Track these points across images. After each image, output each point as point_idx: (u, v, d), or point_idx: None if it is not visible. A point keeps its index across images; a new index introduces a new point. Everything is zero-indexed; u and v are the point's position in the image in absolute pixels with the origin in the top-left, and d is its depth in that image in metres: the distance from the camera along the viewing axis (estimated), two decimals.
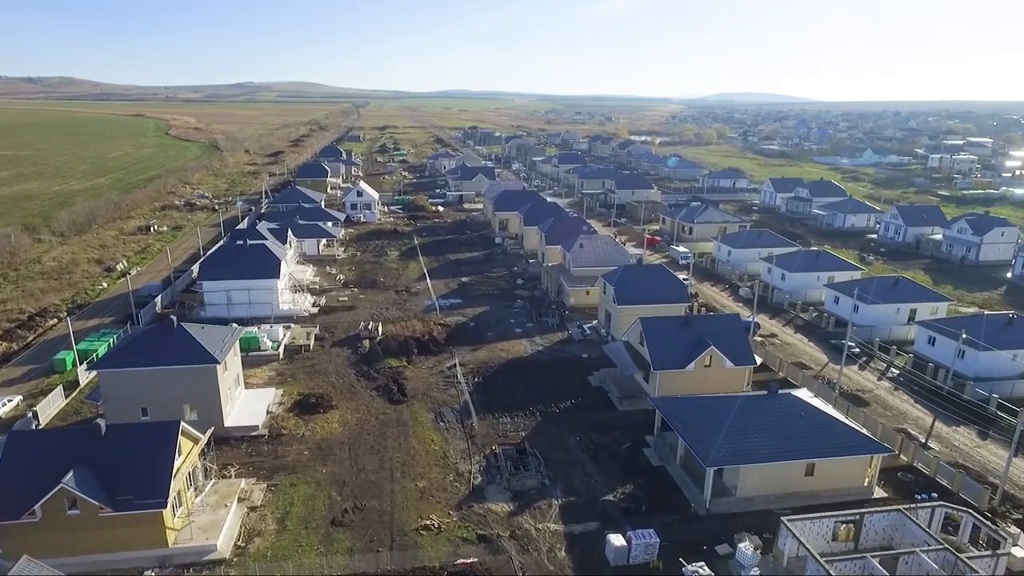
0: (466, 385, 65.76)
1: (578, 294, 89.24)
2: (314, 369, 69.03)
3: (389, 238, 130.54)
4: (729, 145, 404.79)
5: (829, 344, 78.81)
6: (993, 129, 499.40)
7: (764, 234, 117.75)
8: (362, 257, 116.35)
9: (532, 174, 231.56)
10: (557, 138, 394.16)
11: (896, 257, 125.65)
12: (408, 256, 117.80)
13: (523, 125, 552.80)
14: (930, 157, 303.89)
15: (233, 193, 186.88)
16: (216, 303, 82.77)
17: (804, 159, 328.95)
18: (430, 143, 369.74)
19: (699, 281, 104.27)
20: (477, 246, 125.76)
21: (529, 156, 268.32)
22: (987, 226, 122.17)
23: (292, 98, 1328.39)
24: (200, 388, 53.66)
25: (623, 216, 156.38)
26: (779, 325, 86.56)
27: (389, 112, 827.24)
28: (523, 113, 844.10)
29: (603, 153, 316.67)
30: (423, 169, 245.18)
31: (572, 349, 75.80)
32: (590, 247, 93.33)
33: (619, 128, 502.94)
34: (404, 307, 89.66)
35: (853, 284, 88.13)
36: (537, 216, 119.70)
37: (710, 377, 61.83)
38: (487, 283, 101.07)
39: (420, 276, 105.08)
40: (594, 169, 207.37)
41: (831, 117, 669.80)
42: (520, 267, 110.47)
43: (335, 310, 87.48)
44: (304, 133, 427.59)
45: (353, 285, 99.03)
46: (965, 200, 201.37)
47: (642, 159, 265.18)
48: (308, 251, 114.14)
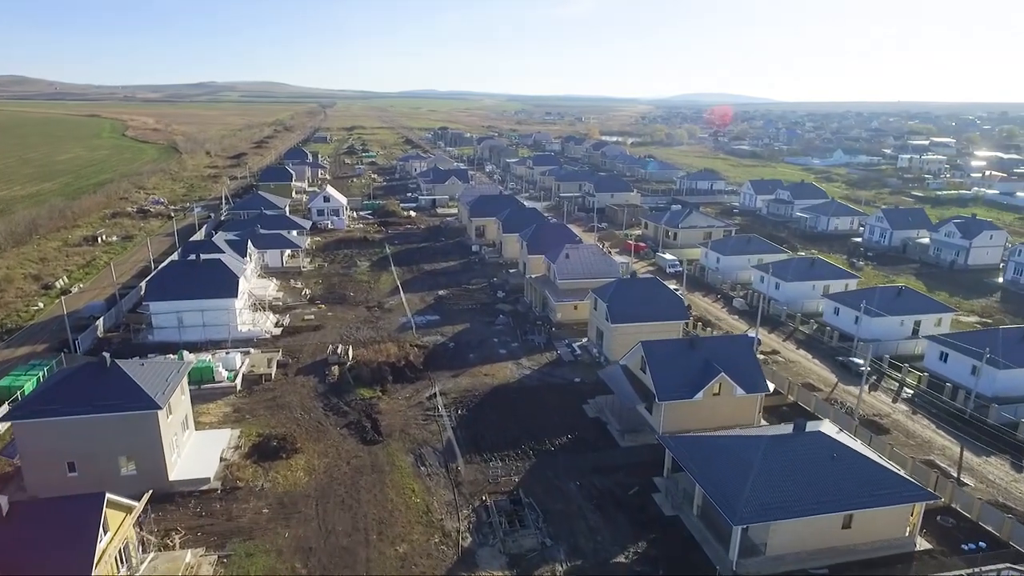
0: (448, 419, 58.82)
1: (565, 309, 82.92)
2: (276, 403, 61.31)
3: (359, 247, 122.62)
4: (700, 145, 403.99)
5: (835, 361, 73.77)
6: (952, 130, 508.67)
7: (753, 240, 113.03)
8: (330, 268, 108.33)
9: (507, 176, 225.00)
10: (529, 139, 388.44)
11: (884, 262, 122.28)
12: (380, 267, 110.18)
13: (494, 125, 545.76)
14: (900, 157, 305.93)
15: (191, 198, 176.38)
16: (165, 326, 74.28)
17: (775, 159, 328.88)
18: (399, 144, 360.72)
19: (689, 291, 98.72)
20: (453, 255, 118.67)
21: (502, 158, 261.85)
22: (975, 230, 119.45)
23: (256, 98, 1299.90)
24: (139, 438, 45.78)
25: (604, 220, 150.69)
26: (779, 340, 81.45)
27: (357, 112, 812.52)
28: (493, 113, 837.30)
29: (577, 154, 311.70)
30: (393, 171, 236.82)
31: (563, 372, 69.37)
32: (576, 258, 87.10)
33: (591, 128, 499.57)
34: (377, 325, 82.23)
35: (856, 295, 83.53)
36: (517, 223, 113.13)
37: (719, 406, 56.02)
38: (466, 296, 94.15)
39: (393, 289, 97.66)
40: (571, 171, 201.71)
41: (796, 118, 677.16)
42: (500, 277, 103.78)
43: (300, 330, 79.63)
44: (268, 134, 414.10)
45: (320, 301, 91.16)
46: (939, 201, 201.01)
47: (617, 160, 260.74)
48: (271, 263, 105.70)
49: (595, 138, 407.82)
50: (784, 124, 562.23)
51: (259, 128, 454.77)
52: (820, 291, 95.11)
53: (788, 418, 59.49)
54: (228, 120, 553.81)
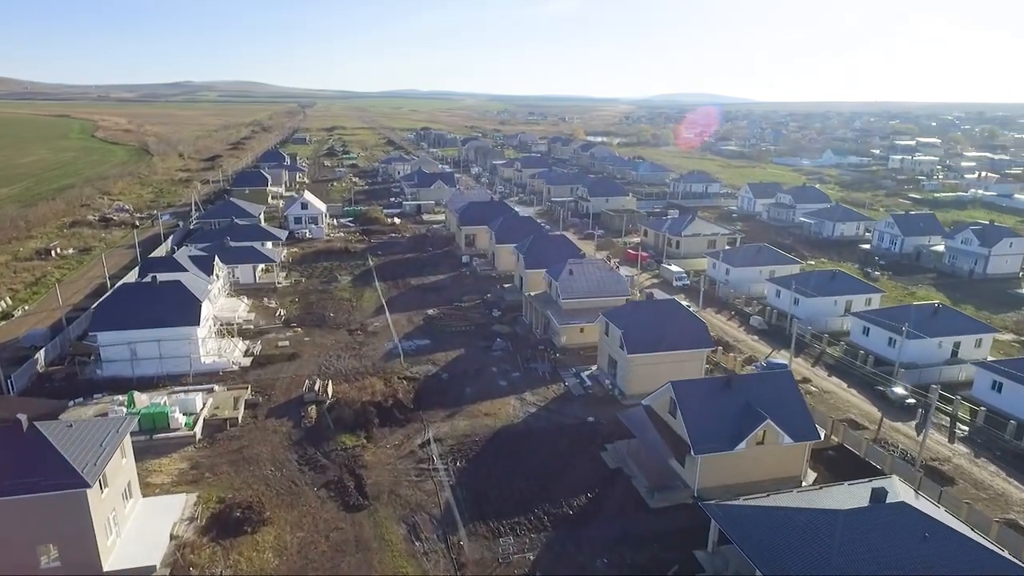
0: (446, 473, 50.21)
1: (570, 332, 74.62)
2: (242, 455, 52.22)
3: (339, 258, 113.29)
4: (687, 145, 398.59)
5: (874, 391, 66.17)
6: (933, 130, 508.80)
7: (764, 249, 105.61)
8: (307, 284, 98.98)
9: (495, 179, 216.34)
10: (514, 139, 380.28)
11: (899, 271, 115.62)
12: (362, 281, 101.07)
13: (477, 126, 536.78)
14: (890, 158, 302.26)
15: (159, 205, 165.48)
16: (116, 359, 64.68)
17: (763, 160, 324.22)
18: (381, 145, 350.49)
19: (699, 307, 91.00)
20: (442, 267, 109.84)
21: (488, 159, 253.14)
22: (995, 237, 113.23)
23: (235, 98, 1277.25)
24: (64, 522, 36.65)
25: (599, 227, 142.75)
26: (807, 365, 73.80)
27: (337, 112, 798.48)
28: (475, 113, 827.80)
29: (564, 155, 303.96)
30: (375, 174, 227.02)
31: (573, 410, 61.04)
32: (581, 274, 78.85)
33: (576, 129, 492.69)
34: (360, 353, 73.26)
35: (887, 313, 76.25)
36: (511, 232, 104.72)
37: (762, 457, 48.06)
38: (458, 316, 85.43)
39: (378, 308, 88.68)
40: (562, 174, 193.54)
41: (779, 118, 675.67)
42: (495, 293, 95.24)
43: (273, 360, 70.40)
44: (245, 135, 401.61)
45: (296, 323, 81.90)
46: (937, 203, 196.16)
47: (607, 162, 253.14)
48: (243, 279, 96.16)
49: (581, 139, 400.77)
50: (768, 124, 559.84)
51: (236, 129, 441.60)
52: (843, 307, 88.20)
53: (838, 467, 51.92)
54: (204, 121, 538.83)
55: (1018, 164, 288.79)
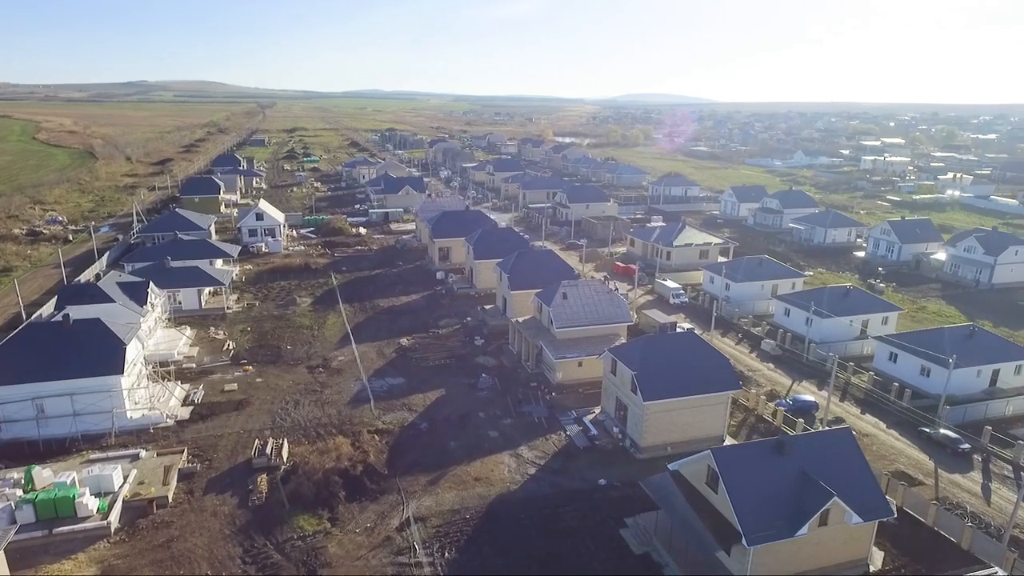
0: (431, 568, 39.88)
1: (567, 367, 64.87)
2: (171, 552, 41.03)
3: (299, 276, 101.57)
4: (657, 147, 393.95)
5: (917, 433, 57.86)
6: (893, 130, 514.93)
7: (765, 262, 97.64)
8: (262, 309, 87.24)
9: (467, 183, 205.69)
10: (483, 141, 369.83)
11: (902, 282, 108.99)
12: (325, 303, 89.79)
13: (443, 126, 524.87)
14: (862, 159, 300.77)
15: (98, 216, 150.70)
16: (18, 418, 52.62)
17: (735, 161, 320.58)
18: (344, 147, 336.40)
19: (710, 332, 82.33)
20: (414, 285, 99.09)
21: (458, 162, 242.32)
22: (1001, 245, 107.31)
23: (191, 98, 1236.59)
24: None
25: (581, 235, 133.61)
26: (833, 400, 65.40)
27: (298, 113, 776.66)
28: (441, 113, 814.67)
29: (535, 157, 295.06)
30: (338, 179, 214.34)
31: (580, 468, 51.27)
32: (577, 298, 69.20)
33: (545, 129, 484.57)
34: (322, 397, 62.32)
35: (918, 337, 68.39)
36: (491, 246, 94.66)
37: (825, 541, 39.03)
38: (436, 347, 74.98)
39: (343, 337, 77.63)
40: (538, 179, 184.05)
41: (743, 118, 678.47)
42: (475, 316, 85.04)
43: (218, 410, 59.03)
44: (200, 137, 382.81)
45: (247, 359, 70.38)
46: (916, 205, 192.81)
47: (581, 164, 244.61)
48: (186, 304, 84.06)
49: (550, 139, 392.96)
50: (733, 124, 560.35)
51: (190, 130, 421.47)
52: (859, 327, 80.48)
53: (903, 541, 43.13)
54: (158, 121, 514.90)
55: (986, 164, 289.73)
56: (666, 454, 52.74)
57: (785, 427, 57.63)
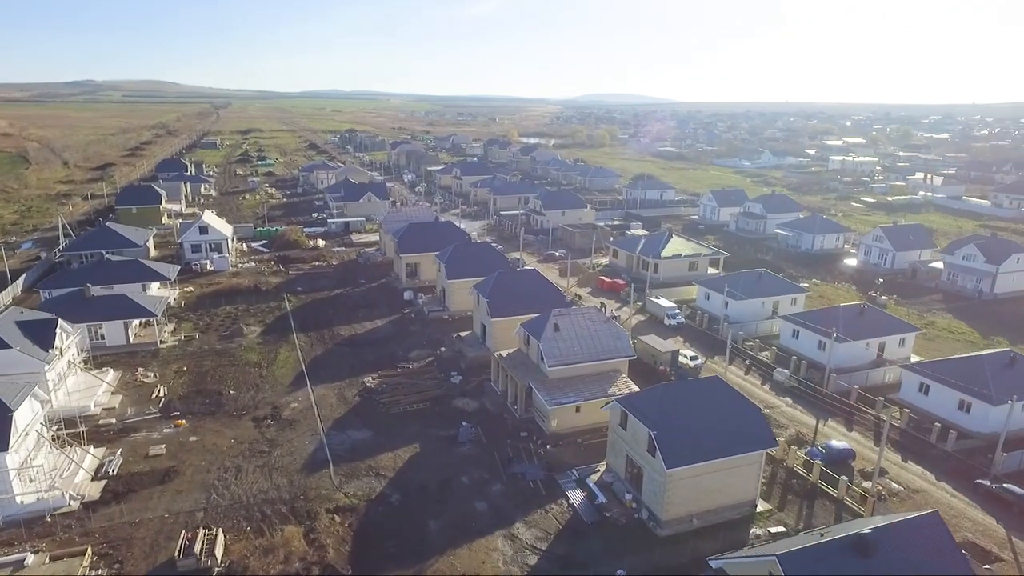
0: None
1: (564, 413, 55.30)
2: None
3: (247, 299, 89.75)
4: (623, 147, 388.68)
5: (973, 486, 49.93)
6: (850, 129, 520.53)
7: (765, 276, 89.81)
8: (202, 342, 75.42)
9: (432, 188, 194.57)
10: (447, 142, 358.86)
11: (901, 293, 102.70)
12: (276, 333, 78.41)
13: (405, 127, 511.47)
14: (830, 159, 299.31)
15: (23, 229, 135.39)
16: None
17: (703, 161, 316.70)
18: (302, 149, 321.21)
19: (725, 365, 73.81)
20: (380, 308, 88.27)
21: (423, 165, 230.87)
22: (1003, 253, 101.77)
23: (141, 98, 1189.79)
24: None
25: (558, 245, 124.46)
26: (866, 442, 57.20)
27: (254, 113, 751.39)
28: (402, 114, 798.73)
29: (502, 159, 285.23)
30: (295, 184, 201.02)
31: (591, 552, 41.63)
32: (570, 330, 59.69)
33: (510, 130, 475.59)
34: (270, 461, 51.39)
35: (952, 369, 60.87)
36: (466, 263, 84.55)
37: None
38: (406, 386, 64.54)
39: (296, 377, 66.59)
40: (509, 183, 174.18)
41: (705, 118, 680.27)
42: (450, 346, 74.85)
43: (139, 484, 47.66)
44: (147, 139, 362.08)
45: (180, 410, 58.90)
46: (891, 207, 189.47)
47: (550, 166, 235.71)
48: (111, 339, 71.83)
49: (516, 140, 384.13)
50: (697, 124, 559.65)
51: (136, 132, 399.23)
52: (875, 350, 73.00)
53: None
54: (103, 123, 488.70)
55: (950, 164, 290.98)
56: (691, 527, 43.72)
57: (824, 485, 49.12)
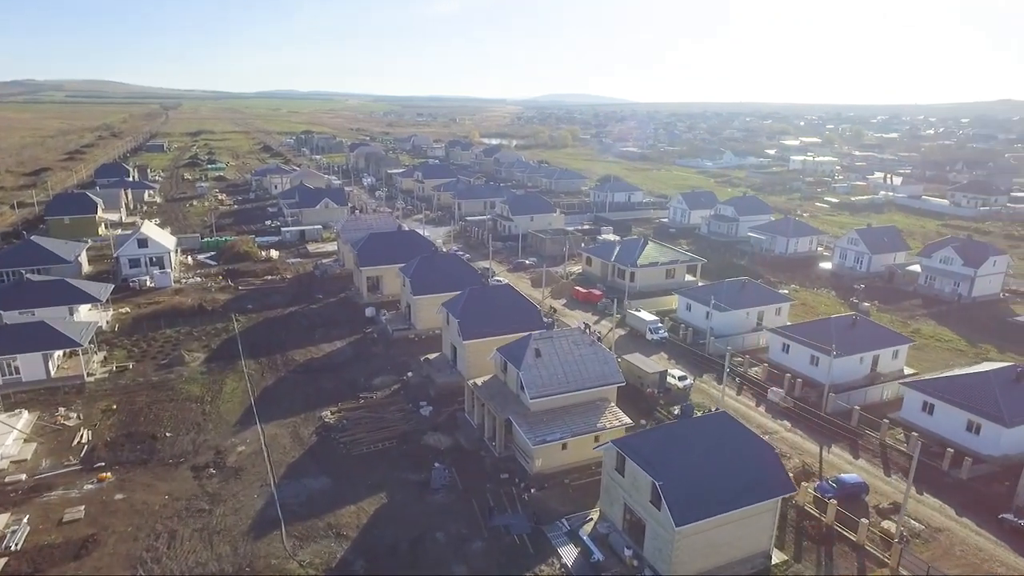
0: None
1: (548, 452, 49.35)
2: None
3: (190, 321, 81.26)
4: (586, 148, 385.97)
5: (997, 521, 45.78)
6: (804, 129, 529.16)
7: (749, 285, 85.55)
8: (136, 373, 67.03)
9: (394, 192, 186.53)
10: (407, 143, 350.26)
11: (883, 298, 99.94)
12: (223, 360, 70.43)
13: (363, 128, 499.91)
14: (791, 159, 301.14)
15: None
16: None
17: (666, 162, 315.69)
18: (256, 152, 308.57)
19: (721, 390, 68.91)
20: (339, 327, 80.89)
21: (383, 168, 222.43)
22: (980, 256, 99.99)
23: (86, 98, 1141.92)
24: None
25: (529, 253, 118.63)
26: (873, 469, 52.78)
27: (205, 114, 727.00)
28: (360, 114, 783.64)
29: (465, 160, 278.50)
30: (247, 188, 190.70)
31: None
32: (553, 355, 53.79)
33: (472, 131, 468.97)
34: (211, 523, 44.03)
35: (949, 387, 57.07)
36: (433, 278, 77.93)
37: None
38: (369, 421, 57.66)
39: (244, 413, 59.05)
40: (475, 187, 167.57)
41: (664, 118, 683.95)
42: (417, 370, 68.16)
43: (47, 561, 39.81)
44: (89, 142, 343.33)
45: (106, 461, 50.92)
46: (855, 207, 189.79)
47: (514, 168, 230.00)
48: (28, 373, 63.02)
49: (478, 141, 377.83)
50: (656, 125, 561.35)
51: (78, 134, 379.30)
52: (869, 365, 69.22)
53: None
54: (43, 124, 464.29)
55: (905, 164, 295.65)
56: None
57: (841, 527, 44.29)
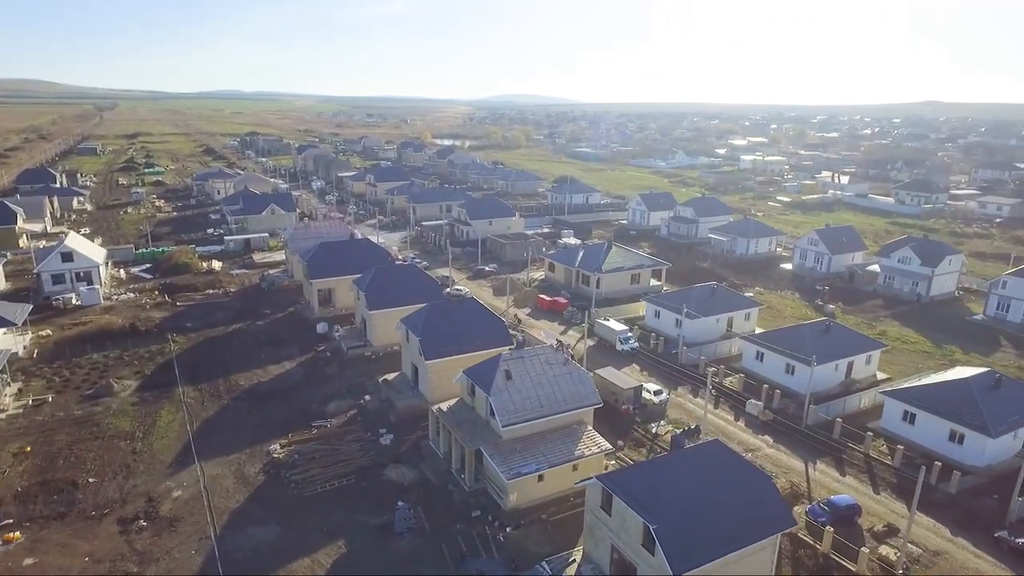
0: None
1: (524, 486, 45.09)
2: None
3: (120, 344, 73.66)
4: (539, 148, 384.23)
5: (993, 540, 43.78)
6: (749, 129, 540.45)
7: (719, 292, 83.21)
8: (55, 408, 59.69)
9: (345, 196, 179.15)
10: (357, 144, 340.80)
11: (845, 299, 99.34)
12: (157, 387, 63.62)
13: (312, 129, 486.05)
14: (741, 159, 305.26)
15: None
16: None
17: (619, 162, 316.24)
18: (197, 155, 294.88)
19: (704, 407, 65.81)
20: (288, 345, 74.76)
21: (333, 171, 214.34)
22: (937, 255, 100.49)
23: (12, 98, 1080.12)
24: None
25: (489, 259, 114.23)
26: (860, 485, 50.44)
27: (144, 115, 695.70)
28: (308, 115, 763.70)
29: (418, 162, 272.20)
30: (187, 194, 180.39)
31: None
32: (524, 376, 49.56)
33: (423, 132, 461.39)
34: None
35: (940, 394, 55.39)
36: (390, 291, 72.68)
37: None
38: (324, 454, 52.29)
39: (181, 451, 52.78)
40: (430, 190, 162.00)
41: (614, 118, 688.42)
42: (376, 393, 62.93)
43: None
44: (14, 145, 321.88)
45: (14, 516, 44.15)
46: (807, 206, 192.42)
47: (469, 170, 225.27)
48: None
49: (430, 141, 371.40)
50: (608, 125, 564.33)
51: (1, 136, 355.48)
52: (843, 372, 67.51)
53: None
54: None
55: (850, 163, 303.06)
56: None
57: (839, 556, 41.44)
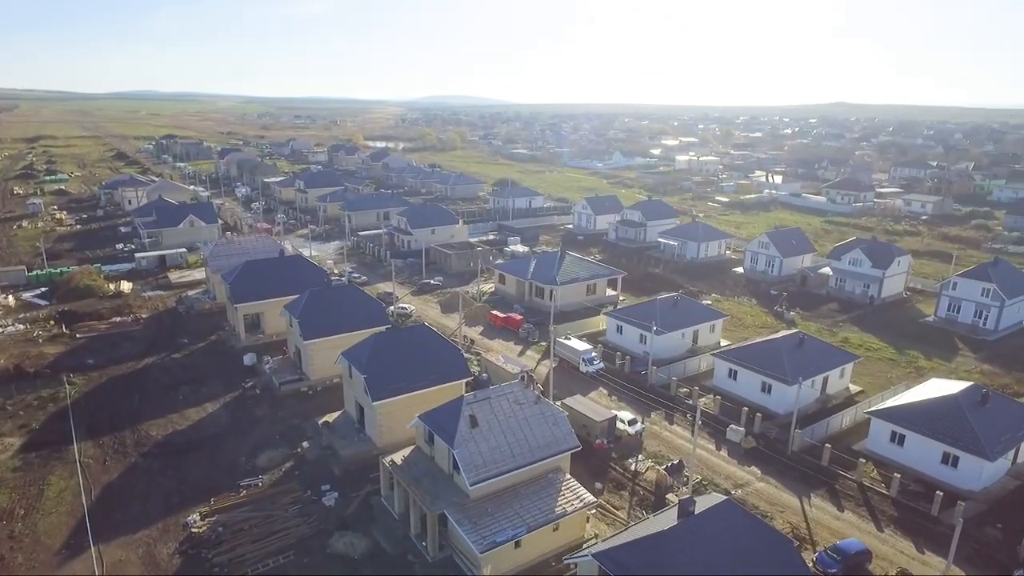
0: None
1: (499, 555, 38.32)
2: None
3: (2, 390, 62.30)
4: (476, 150, 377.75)
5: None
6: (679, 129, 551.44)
7: (681, 303, 78.62)
8: None
9: (272, 204, 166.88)
10: (285, 148, 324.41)
11: (800, 303, 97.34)
12: (47, 446, 53.05)
13: (235, 131, 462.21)
14: (676, 159, 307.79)
15: None
16: None
17: (556, 163, 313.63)
18: (108, 160, 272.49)
19: (693, 440, 60.50)
20: (210, 383, 65.05)
21: (258, 176, 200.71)
22: (887, 256, 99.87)
23: None
24: None
25: (432, 271, 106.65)
26: (865, 525, 46.21)
27: (47, 117, 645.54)
28: (232, 117, 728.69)
29: (351, 166, 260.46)
30: (94, 204, 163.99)
31: None
32: (492, 422, 42.74)
33: (354, 133, 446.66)
34: None
35: (926, 411, 52.05)
36: (328, 317, 64.25)
37: None
38: (255, 524, 43.86)
39: (74, 530, 43.17)
40: (365, 197, 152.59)
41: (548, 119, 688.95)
42: (315, 439, 54.61)
43: None
44: None
45: None
46: (745, 205, 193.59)
47: (405, 174, 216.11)
48: None
49: (362, 144, 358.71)
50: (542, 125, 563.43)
51: None
52: (819, 389, 63.98)
53: None
54: None
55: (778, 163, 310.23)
56: None
57: None
